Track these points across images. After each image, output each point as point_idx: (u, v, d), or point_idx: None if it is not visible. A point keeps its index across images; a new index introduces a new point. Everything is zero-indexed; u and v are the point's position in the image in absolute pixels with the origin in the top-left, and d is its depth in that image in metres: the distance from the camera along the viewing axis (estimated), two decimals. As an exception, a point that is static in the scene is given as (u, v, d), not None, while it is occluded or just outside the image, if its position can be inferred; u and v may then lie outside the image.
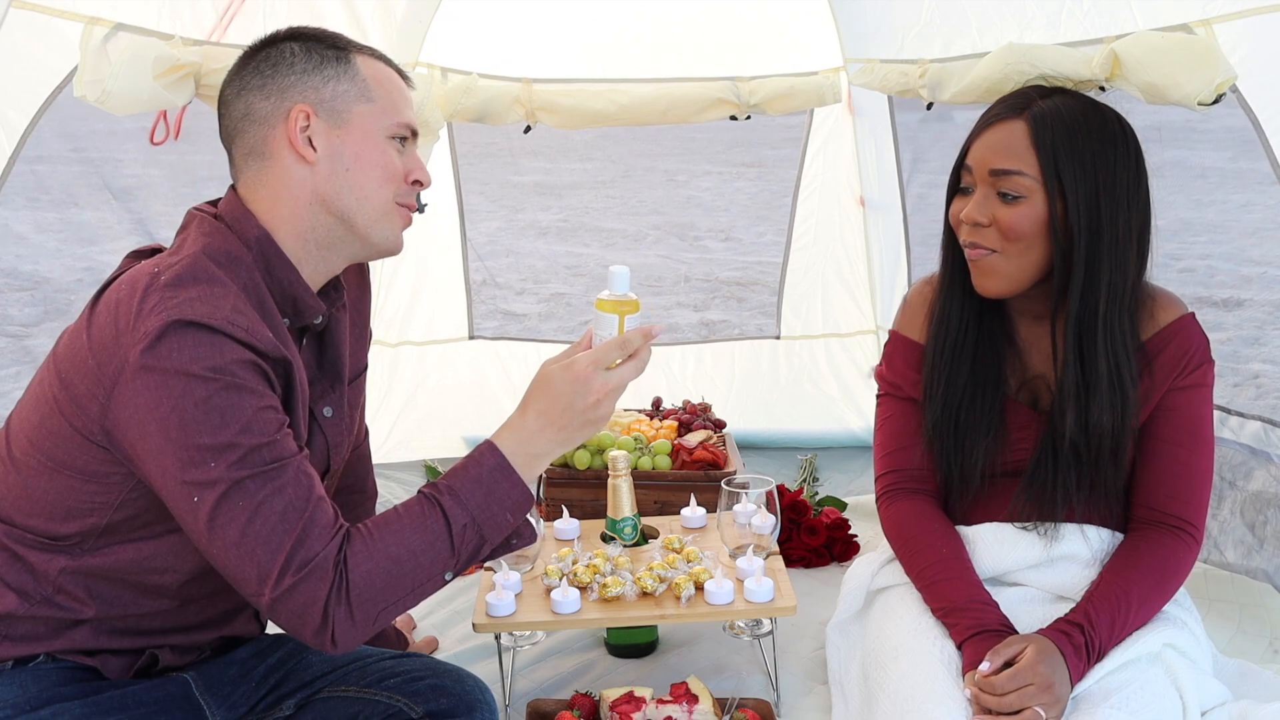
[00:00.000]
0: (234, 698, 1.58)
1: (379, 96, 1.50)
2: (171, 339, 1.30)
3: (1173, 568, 1.73)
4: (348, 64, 1.50)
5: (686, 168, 12.59)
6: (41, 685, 1.43)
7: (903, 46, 2.68)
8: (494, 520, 1.41)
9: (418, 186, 1.55)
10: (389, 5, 2.63)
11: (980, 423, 1.80)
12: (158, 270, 1.37)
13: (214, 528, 1.32)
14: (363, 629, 1.35)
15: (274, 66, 1.48)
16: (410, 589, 1.37)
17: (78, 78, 1.84)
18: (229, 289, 1.38)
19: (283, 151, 1.47)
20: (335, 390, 1.61)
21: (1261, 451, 2.27)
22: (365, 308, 1.78)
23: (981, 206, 1.72)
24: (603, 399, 1.43)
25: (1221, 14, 1.86)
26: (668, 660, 2.12)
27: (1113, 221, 1.69)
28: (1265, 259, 7.04)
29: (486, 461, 1.42)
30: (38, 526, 1.43)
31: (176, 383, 1.30)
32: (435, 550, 1.38)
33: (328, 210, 1.48)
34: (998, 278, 1.74)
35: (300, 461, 1.36)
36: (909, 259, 3.26)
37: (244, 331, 1.34)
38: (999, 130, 1.72)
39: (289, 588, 1.30)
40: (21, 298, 6.28)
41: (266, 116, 1.48)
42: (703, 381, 3.47)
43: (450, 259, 3.34)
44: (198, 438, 1.30)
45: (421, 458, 3.24)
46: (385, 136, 1.50)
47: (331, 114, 1.48)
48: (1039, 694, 1.54)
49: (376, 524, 1.38)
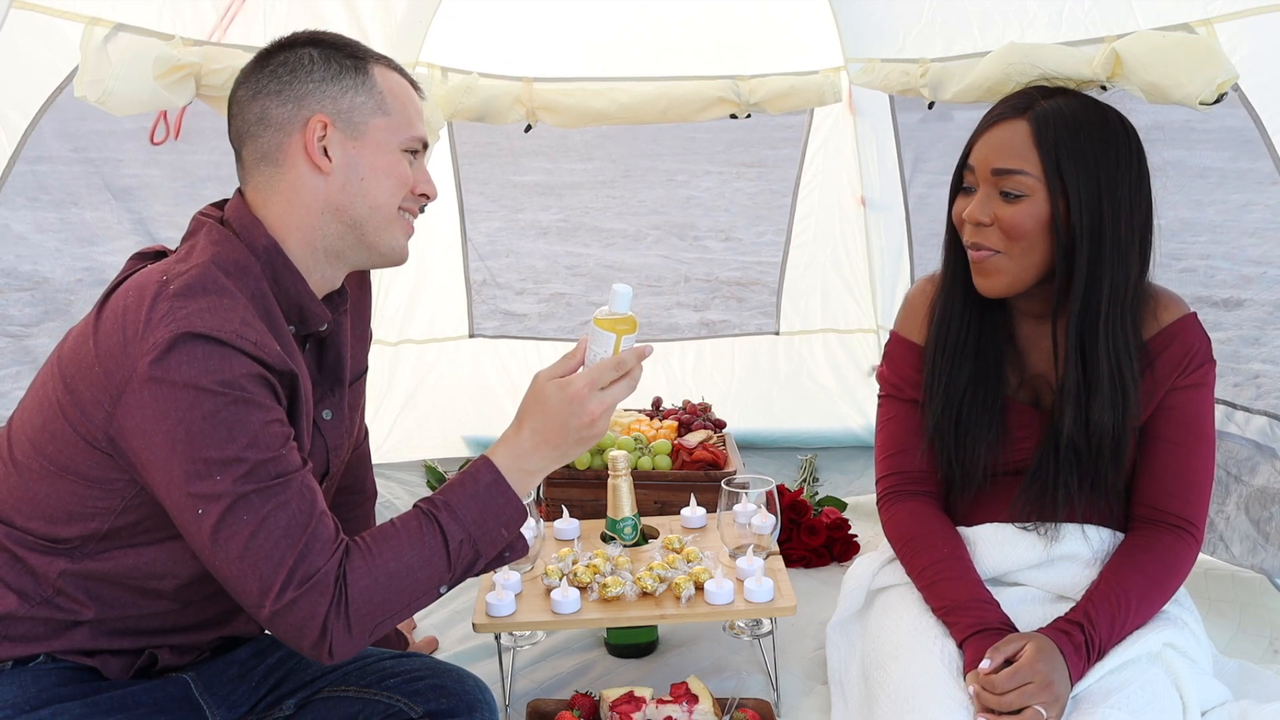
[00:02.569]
0: (234, 697, 1.58)
1: (395, 110, 1.51)
2: (181, 351, 1.30)
3: (1173, 567, 1.73)
4: (366, 75, 1.50)
5: (686, 168, 12.59)
6: (41, 685, 1.43)
7: (904, 46, 2.68)
8: (489, 535, 1.43)
9: (423, 199, 1.56)
10: (389, 5, 2.63)
11: (981, 421, 1.80)
12: (166, 278, 1.37)
13: (217, 541, 1.32)
14: (359, 641, 1.36)
15: (292, 72, 1.48)
16: (407, 603, 1.39)
17: (78, 78, 1.84)
18: (238, 300, 1.38)
19: (298, 159, 1.47)
20: (335, 393, 1.61)
21: (1267, 447, 2.27)
22: (366, 309, 1.78)
23: (984, 205, 1.72)
24: (597, 418, 1.46)
25: (1222, 13, 1.86)
26: (668, 660, 2.12)
27: (1115, 221, 1.69)
28: (1265, 259, 7.04)
29: (482, 478, 1.44)
30: (38, 529, 1.43)
31: (185, 395, 1.30)
32: (432, 565, 1.39)
33: (339, 219, 1.49)
34: (1000, 277, 1.74)
35: (304, 476, 1.37)
36: (911, 259, 3.26)
37: (252, 345, 1.34)
38: (1001, 130, 1.72)
39: (290, 602, 1.31)
40: (21, 298, 6.28)
41: (283, 123, 1.47)
42: (702, 378, 3.47)
43: (450, 258, 3.34)
44: (204, 451, 1.30)
45: (421, 457, 3.24)
46: (399, 150, 1.51)
47: (349, 125, 1.48)
48: (1038, 692, 1.54)
49: (375, 538, 1.39)
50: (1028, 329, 1.84)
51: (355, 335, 1.71)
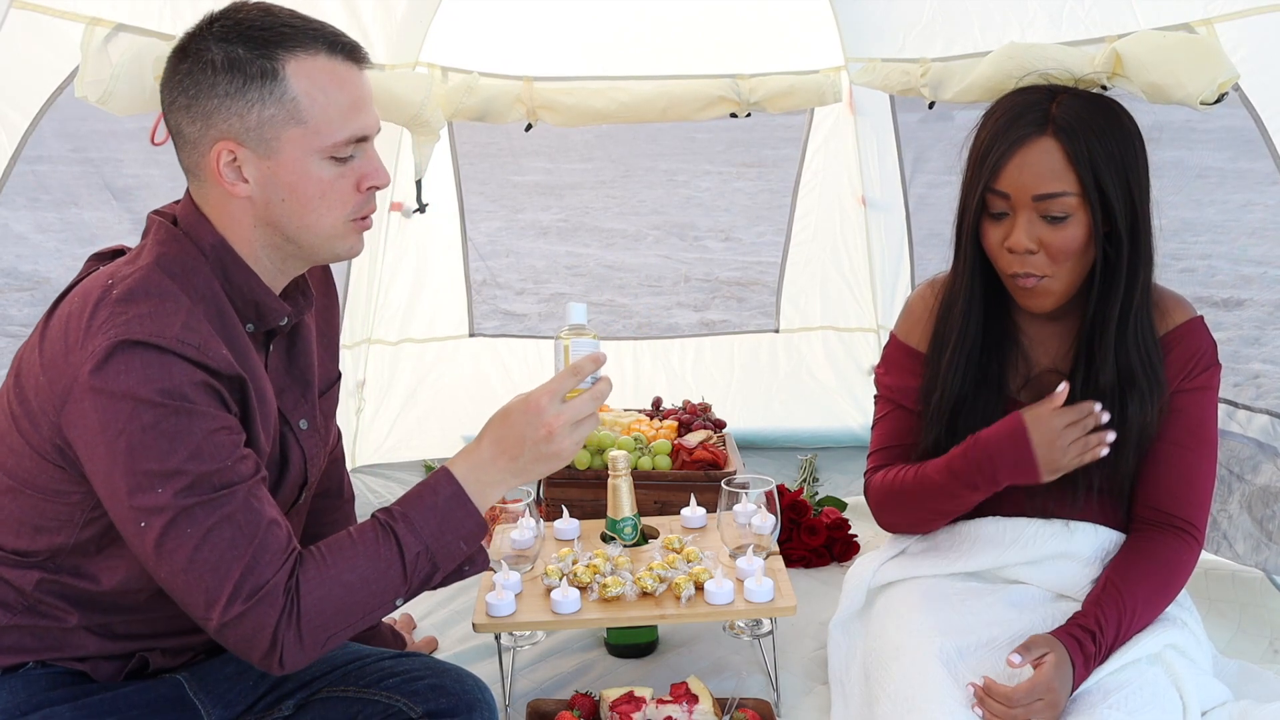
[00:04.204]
0: (230, 696, 1.57)
1: (313, 114, 1.37)
2: (119, 359, 1.27)
3: (1175, 570, 1.73)
4: (275, 80, 1.35)
5: (686, 168, 12.59)
6: (31, 691, 1.42)
7: (904, 45, 2.68)
8: (447, 549, 1.40)
9: (372, 191, 1.45)
10: (389, 5, 2.63)
11: (974, 430, 1.79)
12: (111, 283, 1.34)
13: (161, 553, 1.29)
14: (311, 653, 1.34)
15: (197, 85, 1.37)
16: (361, 615, 1.37)
17: (79, 78, 1.83)
18: (180, 304, 1.33)
19: (216, 180, 1.39)
20: (307, 400, 1.57)
21: (1269, 446, 2.27)
22: (334, 317, 1.73)
23: (1028, 232, 1.68)
24: (555, 431, 1.40)
25: (1223, 13, 1.86)
26: (668, 660, 2.12)
27: (1145, 216, 1.71)
28: (1265, 259, 7.04)
29: (442, 490, 1.41)
30: (7, 543, 1.42)
31: (124, 406, 1.27)
32: (388, 578, 1.36)
33: (274, 232, 1.42)
34: (1048, 298, 1.73)
35: (253, 486, 1.33)
36: (911, 258, 3.26)
37: (194, 350, 1.30)
38: (1031, 152, 1.67)
39: (238, 615, 1.29)
40: (21, 298, 6.28)
41: (196, 141, 1.39)
42: (702, 375, 3.47)
43: (451, 258, 3.34)
44: (144, 463, 1.27)
45: (421, 457, 3.24)
46: (323, 158, 1.39)
47: (260, 143, 1.37)
48: (1046, 709, 1.55)
49: (330, 549, 1.36)
50: (1035, 329, 1.83)
51: (323, 344, 1.66)
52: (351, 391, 3.18)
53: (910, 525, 1.90)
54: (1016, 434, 1.67)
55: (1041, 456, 1.65)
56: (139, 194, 3.58)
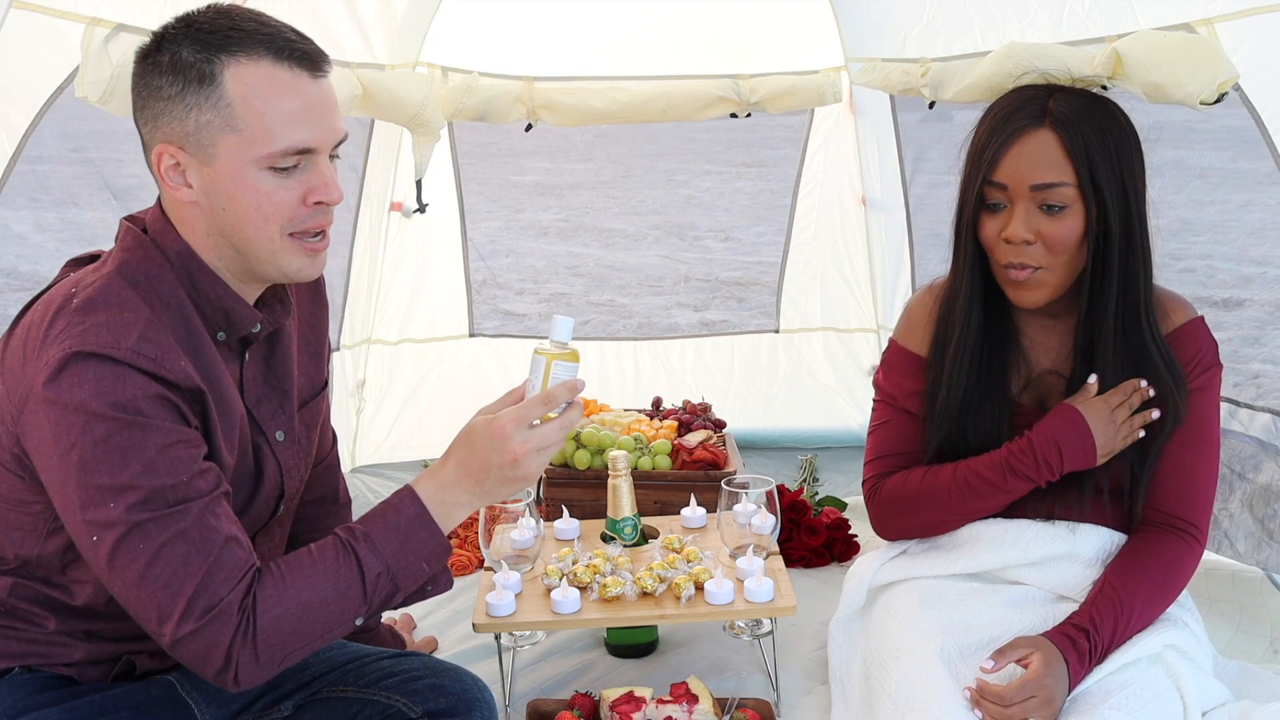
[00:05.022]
0: (224, 695, 1.54)
1: (247, 123, 1.32)
2: (72, 371, 1.25)
3: (1176, 571, 1.73)
4: (213, 85, 1.31)
5: (686, 168, 12.59)
6: (18, 695, 1.41)
7: (904, 45, 2.68)
8: (409, 569, 1.37)
9: (320, 207, 1.38)
10: (389, 5, 2.63)
11: (983, 434, 1.78)
12: (74, 291, 1.32)
13: (113, 568, 1.27)
14: (267, 670, 1.32)
15: (148, 88, 1.35)
16: (320, 634, 1.34)
17: (79, 78, 1.83)
18: (139, 314, 1.30)
19: (163, 183, 1.37)
20: (285, 410, 1.54)
21: (1270, 445, 2.27)
22: (321, 325, 1.68)
23: (1025, 222, 1.68)
24: (521, 458, 1.37)
25: (1223, 13, 1.87)
26: (668, 660, 2.12)
27: (1140, 213, 1.71)
28: (1265, 259, 7.05)
29: (405, 510, 1.38)
30: None
31: (76, 419, 1.24)
32: (347, 598, 1.34)
33: (226, 242, 1.38)
34: (1042, 290, 1.73)
35: (210, 502, 1.30)
36: (911, 258, 3.26)
37: (150, 361, 1.27)
38: (1028, 143, 1.68)
39: (190, 632, 1.27)
40: (21, 298, 6.24)
41: (147, 144, 1.37)
42: (702, 376, 3.47)
43: (451, 258, 3.34)
44: (96, 478, 1.25)
45: (421, 457, 3.24)
46: (260, 168, 1.33)
47: (198, 149, 1.33)
48: (1041, 707, 1.55)
49: (289, 566, 1.34)
50: (1036, 329, 1.83)
51: (309, 352, 1.62)
52: (351, 391, 3.18)
53: (927, 528, 1.88)
54: (1076, 422, 1.70)
55: (1100, 440, 1.70)
56: (139, 194, 3.57)
